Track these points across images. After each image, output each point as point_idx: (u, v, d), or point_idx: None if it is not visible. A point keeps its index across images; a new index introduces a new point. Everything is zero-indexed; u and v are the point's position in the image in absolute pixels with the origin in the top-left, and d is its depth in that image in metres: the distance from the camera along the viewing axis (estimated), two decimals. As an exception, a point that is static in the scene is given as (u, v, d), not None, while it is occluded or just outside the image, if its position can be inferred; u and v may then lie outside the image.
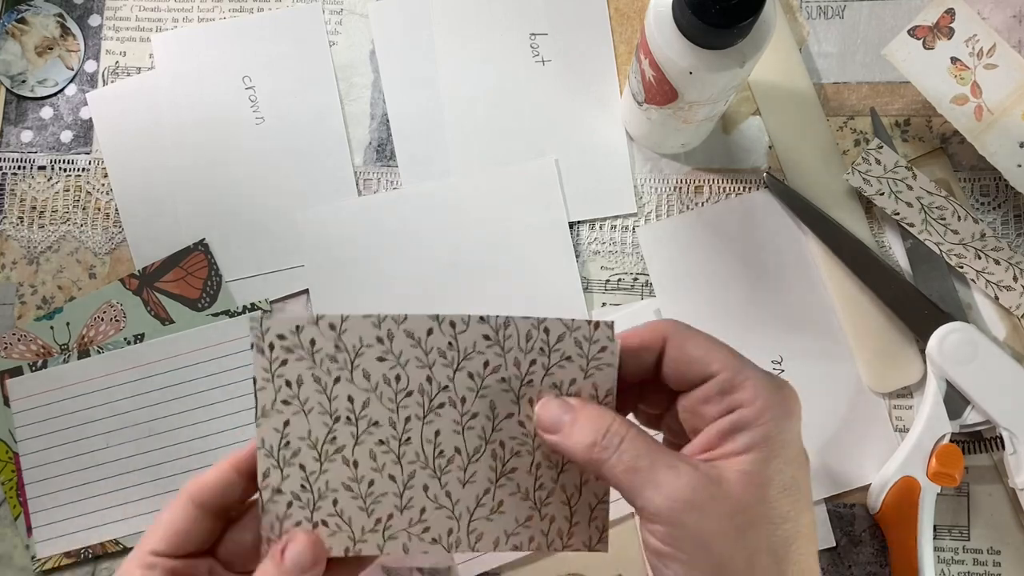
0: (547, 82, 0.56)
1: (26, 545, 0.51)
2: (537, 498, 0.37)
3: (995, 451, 0.49)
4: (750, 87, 0.55)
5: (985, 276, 0.51)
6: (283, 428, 0.35)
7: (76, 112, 0.56)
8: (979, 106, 0.51)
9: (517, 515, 0.37)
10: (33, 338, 0.53)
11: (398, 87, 0.56)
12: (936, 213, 0.52)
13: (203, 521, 0.36)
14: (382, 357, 0.35)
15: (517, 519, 0.37)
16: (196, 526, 0.36)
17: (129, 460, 0.52)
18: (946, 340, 0.49)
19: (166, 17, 0.57)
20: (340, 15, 0.57)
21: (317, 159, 0.55)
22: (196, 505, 0.36)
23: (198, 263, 0.54)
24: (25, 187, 0.55)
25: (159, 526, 0.36)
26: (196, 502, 0.36)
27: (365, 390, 0.35)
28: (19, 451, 0.52)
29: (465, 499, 0.36)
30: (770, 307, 0.53)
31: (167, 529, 0.35)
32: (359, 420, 0.35)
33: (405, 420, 0.36)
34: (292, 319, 0.35)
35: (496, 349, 0.35)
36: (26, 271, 0.54)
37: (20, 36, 0.56)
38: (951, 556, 0.50)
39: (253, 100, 0.56)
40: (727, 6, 0.39)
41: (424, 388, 0.35)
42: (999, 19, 0.53)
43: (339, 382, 0.35)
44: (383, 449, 0.36)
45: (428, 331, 0.35)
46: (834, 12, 0.56)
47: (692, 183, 0.54)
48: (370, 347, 0.35)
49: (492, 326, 0.35)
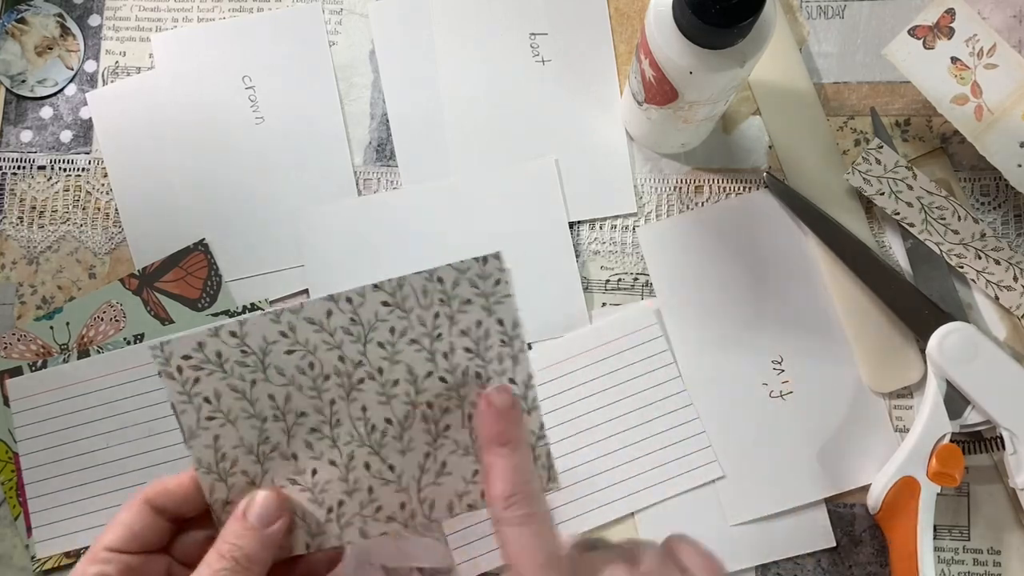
0: (547, 82, 0.56)
1: (26, 545, 0.51)
2: (478, 451, 0.37)
3: (995, 451, 0.49)
4: (750, 87, 0.55)
5: (985, 276, 0.51)
6: (214, 443, 0.36)
7: (76, 112, 0.56)
8: (979, 106, 0.51)
9: (463, 473, 0.37)
10: (33, 338, 0.53)
11: (398, 87, 0.56)
12: (936, 213, 0.52)
13: (157, 523, 0.36)
14: (290, 349, 0.35)
15: (464, 478, 0.37)
16: (150, 528, 0.36)
17: (129, 460, 0.52)
18: (946, 340, 0.49)
19: (166, 17, 0.57)
20: (340, 15, 0.57)
21: (317, 159, 0.55)
22: (152, 508, 0.36)
23: (198, 263, 0.54)
24: (25, 187, 0.55)
25: (114, 524, 0.36)
26: (153, 505, 0.36)
27: (283, 385, 0.35)
28: (19, 451, 0.52)
29: (408, 468, 0.36)
30: (770, 307, 0.53)
31: (122, 528, 0.36)
32: (286, 415, 0.36)
33: (330, 403, 0.36)
34: (192, 336, 0.35)
35: (398, 313, 0.35)
36: (26, 271, 0.54)
37: (20, 36, 0.56)
38: (951, 556, 0.50)
39: (253, 100, 0.56)
40: (727, 6, 0.39)
41: (339, 368, 0.35)
42: (999, 19, 0.53)
43: (256, 384, 0.35)
44: (316, 436, 0.36)
45: (328, 313, 0.35)
46: (834, 12, 0.56)
47: (692, 183, 0.54)
48: (275, 343, 0.35)
49: (387, 291, 0.35)
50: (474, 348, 0.36)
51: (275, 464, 0.36)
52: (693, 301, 0.53)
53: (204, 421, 0.36)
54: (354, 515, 0.36)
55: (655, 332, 0.52)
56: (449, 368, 0.36)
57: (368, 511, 0.36)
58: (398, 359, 0.36)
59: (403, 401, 0.36)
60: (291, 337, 0.35)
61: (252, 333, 0.35)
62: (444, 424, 0.36)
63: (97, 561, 0.35)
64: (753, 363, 0.52)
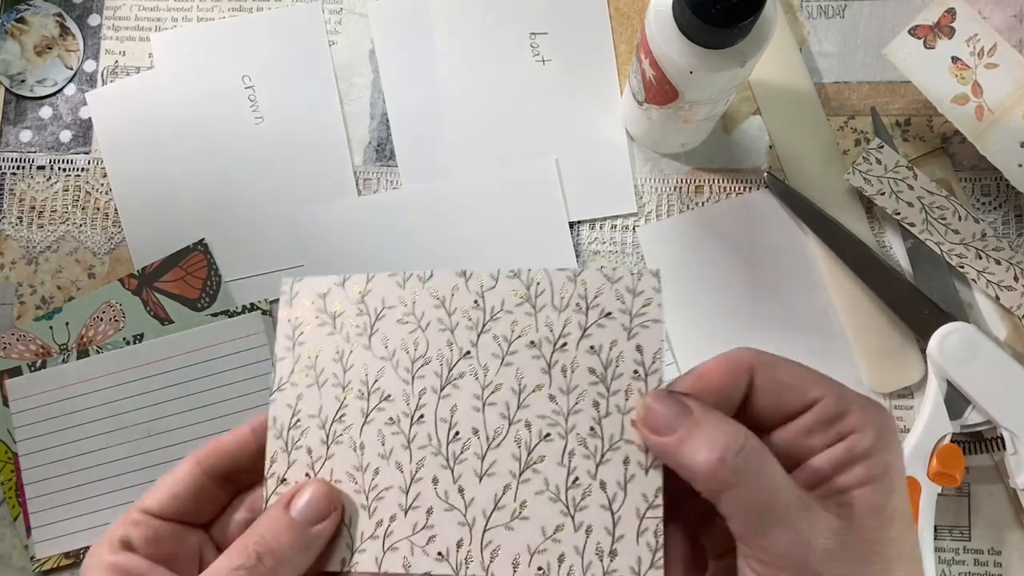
0: (547, 81, 0.55)
1: (25, 545, 0.51)
2: (570, 499, 0.30)
3: (996, 451, 0.49)
4: (750, 87, 0.55)
5: (986, 276, 0.51)
6: (295, 403, 0.33)
7: (75, 112, 0.56)
8: (980, 106, 0.51)
9: (544, 523, 0.30)
10: (32, 338, 0.53)
11: (398, 87, 0.56)
12: (937, 213, 0.52)
13: (205, 488, 0.33)
14: (403, 320, 0.32)
15: (544, 530, 0.30)
16: (197, 492, 0.32)
17: (128, 460, 0.52)
18: (947, 340, 0.49)
19: (165, 17, 0.57)
20: (340, 14, 0.57)
21: (317, 159, 0.55)
22: (203, 469, 0.32)
23: (197, 263, 0.54)
24: (24, 187, 0.55)
25: (157, 486, 0.33)
26: (203, 466, 0.33)
27: (382, 358, 0.32)
28: (18, 451, 0.52)
29: (480, 498, 0.31)
30: (770, 307, 0.53)
31: (166, 490, 0.32)
32: (371, 393, 0.32)
33: (420, 393, 0.32)
34: (319, 283, 0.33)
35: (526, 308, 0.31)
36: (25, 271, 0.54)
37: (19, 36, 0.56)
38: (952, 556, 0.50)
39: (253, 100, 0.55)
40: (727, 6, 0.39)
41: (443, 355, 0.32)
42: (1000, 18, 0.53)
43: (354, 352, 0.32)
44: (393, 430, 0.32)
45: (453, 289, 0.32)
46: (834, 11, 0.56)
47: (692, 183, 0.54)
48: (392, 308, 0.32)
49: (524, 281, 0.31)
50: (600, 372, 0.31)
51: (340, 450, 0.32)
52: (693, 301, 0.53)
53: (296, 376, 0.33)
54: (403, 538, 0.31)
55: (655, 332, 0.52)
56: (564, 388, 0.31)
57: (419, 538, 0.31)
58: (510, 361, 0.31)
59: (500, 412, 0.31)
60: (408, 306, 0.32)
61: (374, 291, 0.32)
62: (538, 455, 0.30)
63: (127, 523, 0.32)
64: (753, 363, 0.52)
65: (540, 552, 0.30)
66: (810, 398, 0.30)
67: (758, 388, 0.30)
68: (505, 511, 0.30)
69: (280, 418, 0.33)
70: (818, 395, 0.29)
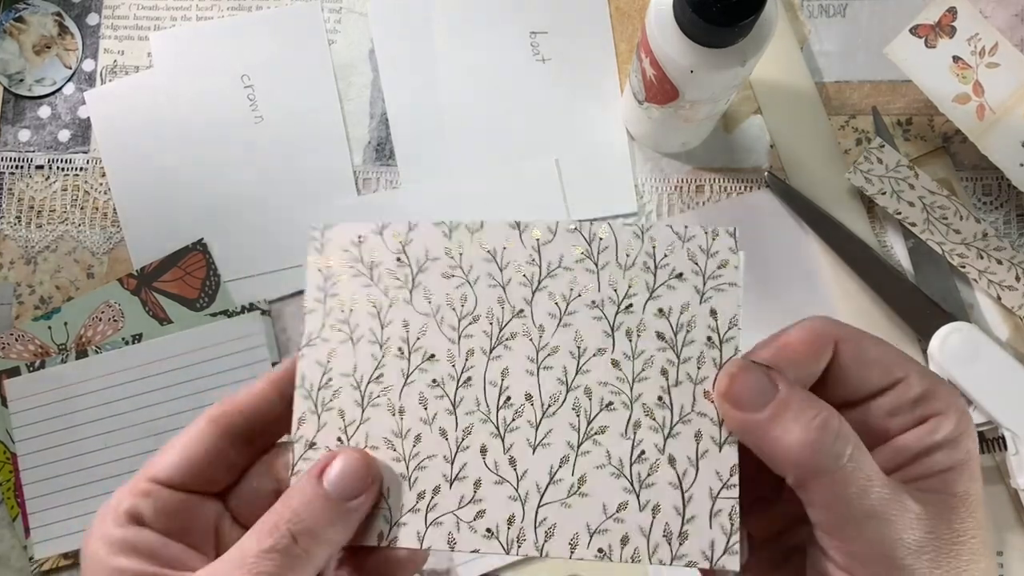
0: (547, 81, 0.55)
1: (24, 546, 0.51)
2: (635, 475, 0.27)
3: (997, 452, 0.49)
4: (751, 86, 0.55)
5: (987, 276, 0.51)
6: (327, 361, 0.30)
7: (74, 111, 0.56)
8: (981, 105, 0.51)
9: (606, 500, 0.27)
10: (31, 338, 0.53)
11: (397, 86, 0.55)
12: (938, 212, 0.51)
13: (222, 451, 0.29)
14: (449, 273, 0.29)
15: (606, 507, 0.27)
16: (212, 456, 0.29)
17: (127, 460, 0.51)
18: (948, 340, 0.49)
19: (164, 16, 0.57)
20: (339, 13, 0.57)
21: (316, 158, 0.55)
22: (218, 430, 0.29)
23: (196, 263, 0.54)
24: (23, 186, 0.55)
25: (167, 451, 0.29)
26: (219, 426, 0.29)
27: (424, 314, 0.29)
28: (17, 451, 0.52)
29: (534, 470, 0.28)
30: (771, 307, 0.52)
31: (177, 455, 0.29)
32: (412, 352, 0.29)
33: (467, 353, 0.29)
34: (354, 229, 0.30)
35: (587, 264, 0.28)
36: (24, 271, 0.54)
37: (18, 35, 0.56)
38: (953, 557, 0.50)
39: (252, 99, 0.55)
40: (728, 5, 0.39)
41: (494, 313, 0.29)
42: (1001, 18, 0.53)
43: (394, 305, 0.30)
44: (436, 393, 0.29)
45: (506, 241, 0.29)
46: (835, 11, 0.56)
47: (693, 182, 0.54)
48: (436, 260, 0.30)
49: (585, 236, 0.29)
50: (669, 337, 0.28)
51: (377, 414, 0.29)
52: (694, 301, 0.53)
53: (327, 330, 0.30)
54: (447, 512, 0.28)
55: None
56: (629, 353, 0.28)
57: (466, 513, 0.28)
58: (568, 322, 0.28)
59: (556, 377, 0.28)
60: (455, 259, 0.29)
61: (416, 240, 0.30)
62: (600, 425, 0.28)
63: (135, 493, 0.28)
64: (754, 363, 0.52)
65: (601, 532, 0.27)
66: (894, 377, 0.28)
67: (842, 363, 0.28)
68: (562, 486, 0.28)
69: (309, 376, 0.30)
70: (902, 374, 0.28)
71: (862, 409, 0.28)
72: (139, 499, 0.28)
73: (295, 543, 0.27)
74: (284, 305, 0.53)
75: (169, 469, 0.29)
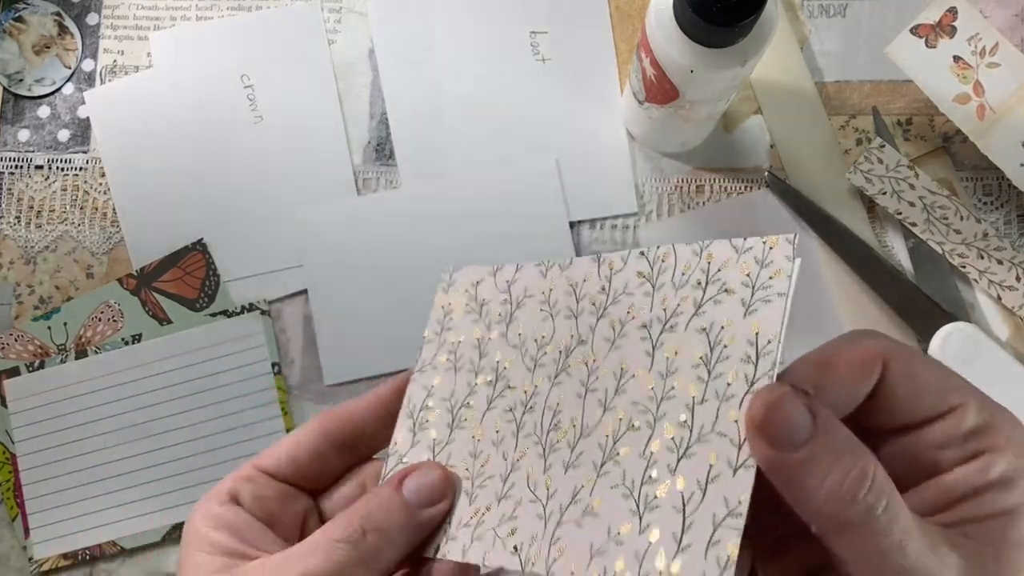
0: (547, 81, 0.55)
1: (23, 546, 0.51)
2: (642, 497, 0.26)
3: (998, 452, 0.49)
4: (751, 86, 0.55)
5: (988, 276, 0.51)
6: (432, 385, 0.33)
7: (74, 111, 0.56)
8: (981, 105, 0.51)
9: (612, 522, 0.26)
10: (30, 338, 0.53)
11: (397, 86, 0.55)
12: (938, 213, 0.51)
13: (324, 454, 0.32)
14: (540, 308, 0.31)
15: (610, 529, 0.26)
16: (316, 457, 0.32)
17: (127, 461, 0.51)
18: (948, 340, 0.49)
19: (164, 16, 0.56)
20: (339, 13, 0.56)
21: (316, 158, 0.55)
22: (325, 434, 0.32)
23: (196, 263, 0.53)
24: (22, 186, 0.55)
25: (277, 446, 0.32)
26: (326, 431, 0.32)
27: (514, 347, 0.32)
28: (17, 452, 0.52)
29: (562, 490, 0.28)
30: (771, 307, 0.52)
31: (285, 450, 0.32)
32: (498, 380, 0.31)
33: (536, 382, 0.30)
34: (474, 272, 0.33)
35: (646, 288, 0.28)
36: (23, 271, 0.54)
37: (18, 35, 0.56)
38: (953, 557, 0.50)
39: (251, 99, 0.55)
40: (728, 4, 0.39)
41: (563, 342, 0.30)
42: (1001, 18, 0.53)
43: (494, 338, 0.32)
44: (507, 418, 0.31)
45: (587, 275, 0.30)
46: (836, 11, 0.56)
47: (693, 182, 0.54)
48: (531, 297, 0.32)
49: (649, 260, 0.29)
50: (706, 354, 0.26)
51: (462, 436, 0.31)
52: (694, 301, 0.53)
53: (437, 360, 0.33)
54: (490, 528, 0.29)
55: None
56: (663, 371, 0.27)
57: (503, 529, 0.29)
58: (619, 344, 0.28)
59: (598, 399, 0.28)
60: (546, 295, 0.31)
61: (520, 280, 0.32)
62: (624, 444, 0.27)
63: (240, 478, 0.31)
64: (754, 363, 0.52)
65: (599, 554, 0.26)
66: (948, 404, 0.25)
67: (892, 386, 0.25)
68: (579, 506, 0.27)
69: (414, 398, 0.33)
70: (958, 402, 0.25)
71: (909, 439, 0.25)
72: (242, 483, 0.31)
73: (364, 537, 0.28)
74: (284, 305, 0.53)
75: (275, 461, 0.32)
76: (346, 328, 0.53)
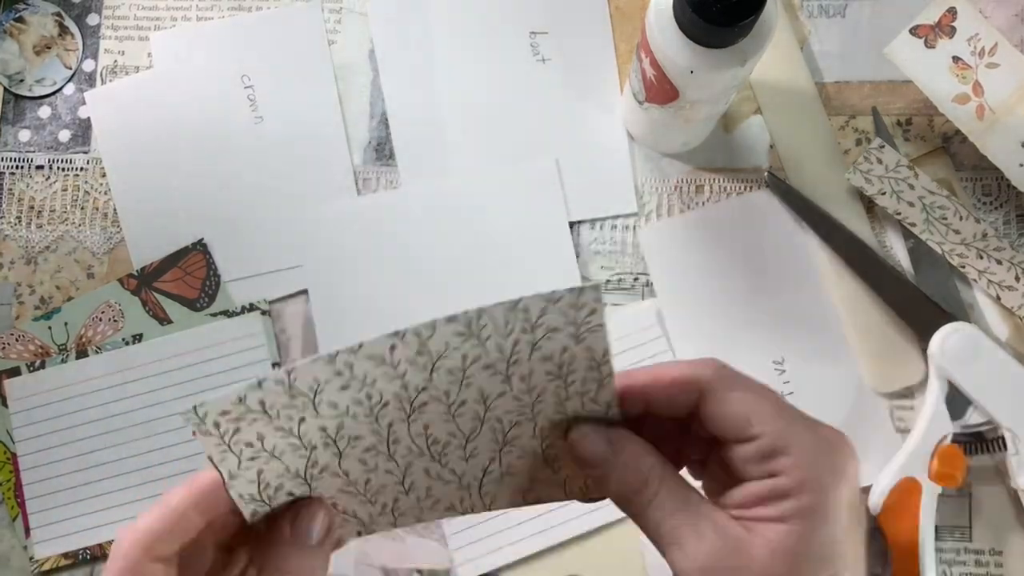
0: (547, 81, 0.55)
1: (24, 546, 0.51)
2: (548, 457, 0.35)
3: (997, 452, 0.49)
4: (751, 86, 0.55)
5: (987, 276, 0.51)
6: (258, 478, 0.32)
7: (74, 111, 0.56)
8: (981, 105, 0.51)
9: (531, 473, 0.35)
10: (31, 338, 0.53)
11: (397, 86, 0.55)
12: (938, 213, 0.52)
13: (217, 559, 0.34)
14: (345, 386, 0.31)
15: (532, 477, 0.35)
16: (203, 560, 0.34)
17: (127, 461, 0.51)
18: (948, 340, 0.49)
19: (164, 16, 0.57)
20: (339, 13, 0.57)
21: (316, 158, 0.55)
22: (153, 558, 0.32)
23: (197, 263, 0.54)
24: (23, 187, 0.55)
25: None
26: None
27: (336, 416, 0.32)
28: (17, 452, 0.52)
29: (471, 471, 0.35)
30: (771, 307, 0.52)
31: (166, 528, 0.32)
32: (337, 441, 0.32)
33: (388, 426, 0.32)
34: (229, 394, 0.30)
35: (472, 342, 0.31)
36: (24, 271, 0.54)
37: (18, 35, 0.56)
38: (952, 557, 0.50)
39: (252, 99, 0.55)
40: (728, 5, 0.39)
41: (400, 395, 0.32)
42: (1001, 18, 0.53)
43: (304, 421, 0.31)
44: (371, 454, 0.33)
45: (391, 348, 0.31)
46: (835, 11, 0.56)
47: (693, 182, 0.54)
48: (328, 382, 0.31)
49: (462, 323, 0.31)
50: (556, 372, 0.32)
51: (324, 482, 0.33)
52: (694, 301, 0.53)
53: (246, 463, 0.32)
54: (410, 507, 0.35)
55: (655, 332, 0.52)
56: (525, 389, 0.33)
57: (426, 504, 0.35)
58: (469, 382, 0.32)
59: (471, 418, 0.33)
60: (345, 375, 0.31)
61: (301, 377, 0.30)
62: (514, 436, 0.34)
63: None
64: (754, 363, 0.52)
65: (531, 490, 0.36)
66: (749, 433, 0.32)
67: (708, 410, 0.33)
68: (494, 473, 0.35)
69: (247, 492, 0.32)
70: (758, 431, 0.32)
71: (730, 450, 0.33)
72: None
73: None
74: (284, 305, 0.53)
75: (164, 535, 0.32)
76: (346, 328, 0.53)
